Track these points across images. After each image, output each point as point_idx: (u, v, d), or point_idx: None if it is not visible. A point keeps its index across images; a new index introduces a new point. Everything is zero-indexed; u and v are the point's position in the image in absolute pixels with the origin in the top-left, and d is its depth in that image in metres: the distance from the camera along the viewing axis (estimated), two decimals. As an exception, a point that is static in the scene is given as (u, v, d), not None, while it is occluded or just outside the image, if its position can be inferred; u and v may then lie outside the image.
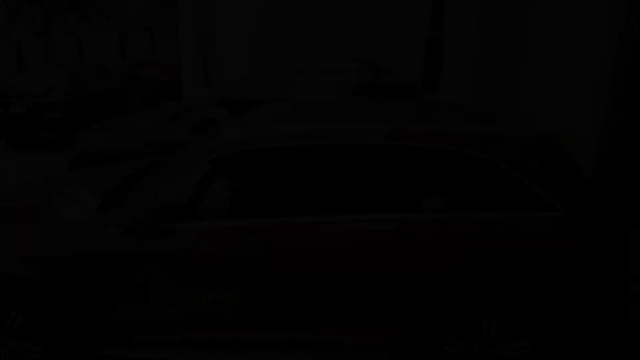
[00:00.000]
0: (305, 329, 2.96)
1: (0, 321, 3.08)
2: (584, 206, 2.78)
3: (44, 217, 3.13)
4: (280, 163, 2.93)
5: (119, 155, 5.63)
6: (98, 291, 2.93)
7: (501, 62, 8.56)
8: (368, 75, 6.32)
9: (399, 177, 2.84)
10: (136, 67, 14.39)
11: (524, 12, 7.32)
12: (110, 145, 5.69)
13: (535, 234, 2.72)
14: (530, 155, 2.81)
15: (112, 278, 2.90)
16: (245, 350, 3.05)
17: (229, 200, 3.03)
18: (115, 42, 25.84)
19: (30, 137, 9.53)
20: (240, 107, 6.03)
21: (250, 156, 2.96)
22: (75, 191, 3.52)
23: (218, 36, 13.24)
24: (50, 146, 9.39)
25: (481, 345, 2.89)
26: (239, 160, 2.98)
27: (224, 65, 13.42)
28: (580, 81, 5.33)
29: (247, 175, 3.03)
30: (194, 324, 2.99)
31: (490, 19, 9.49)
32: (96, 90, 9.80)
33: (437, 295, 2.78)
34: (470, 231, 2.74)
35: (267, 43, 13.15)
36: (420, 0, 12.75)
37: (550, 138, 2.92)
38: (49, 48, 21.30)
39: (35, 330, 3.03)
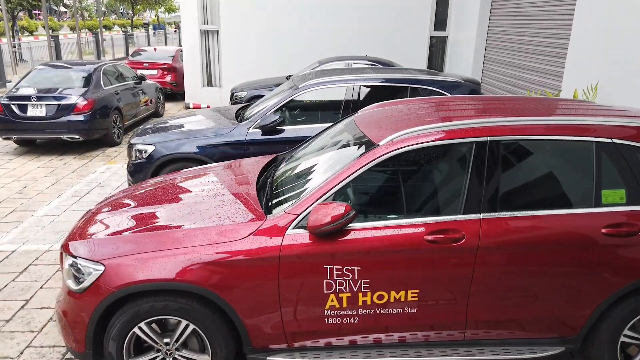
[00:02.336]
0: (486, 327, 2.97)
1: (170, 330, 2.96)
2: None
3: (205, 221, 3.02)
4: (459, 159, 2.92)
5: (192, 159, 5.48)
6: (272, 295, 2.84)
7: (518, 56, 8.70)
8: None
9: (580, 171, 2.90)
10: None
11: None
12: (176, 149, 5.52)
13: None
14: None
15: (289, 280, 2.82)
16: (415, 350, 3.02)
17: (405, 198, 3.01)
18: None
19: (52, 140, 9.14)
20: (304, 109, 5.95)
21: (428, 152, 2.94)
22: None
23: (222, 34, 12.99)
24: (73, 149, 9.00)
25: (653, 334, 2.99)
26: (415, 157, 2.96)
27: (227, 65, 13.17)
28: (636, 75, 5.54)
29: (423, 173, 3.02)
30: (369, 325, 2.94)
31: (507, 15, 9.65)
32: (112, 90, 9.45)
33: (629, 289, 2.85)
34: None
35: (273, 43, 12.99)
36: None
37: None
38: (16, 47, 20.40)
39: (205, 338, 2.91)
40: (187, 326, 2.88)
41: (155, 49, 15.08)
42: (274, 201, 3.16)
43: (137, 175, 5.61)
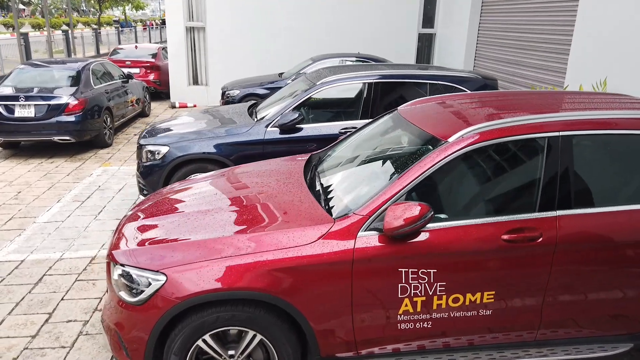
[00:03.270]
0: (558, 327, 2.91)
1: (230, 341, 2.78)
2: None
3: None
4: (532, 155, 2.84)
5: (208, 159, 5.27)
6: (345, 300, 2.70)
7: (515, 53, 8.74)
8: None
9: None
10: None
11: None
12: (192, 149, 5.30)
13: None
14: None
15: (362, 285, 2.68)
16: (486, 353, 2.93)
17: (477, 196, 2.91)
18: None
19: (37, 142, 8.71)
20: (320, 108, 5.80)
21: (501, 148, 2.86)
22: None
23: (208, 31, 12.67)
24: (62, 151, 8.59)
25: None
26: (487, 153, 2.87)
27: (213, 63, 12.87)
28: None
29: (495, 170, 2.92)
30: (442, 329, 2.84)
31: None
32: (102, 89, 9.08)
33: None
34: None
35: (261, 40, 12.74)
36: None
37: None
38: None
39: (272, 348, 2.75)
40: (254, 337, 2.71)
41: (136, 47, 14.63)
42: (331, 203, 3.01)
43: (150, 178, 5.36)
